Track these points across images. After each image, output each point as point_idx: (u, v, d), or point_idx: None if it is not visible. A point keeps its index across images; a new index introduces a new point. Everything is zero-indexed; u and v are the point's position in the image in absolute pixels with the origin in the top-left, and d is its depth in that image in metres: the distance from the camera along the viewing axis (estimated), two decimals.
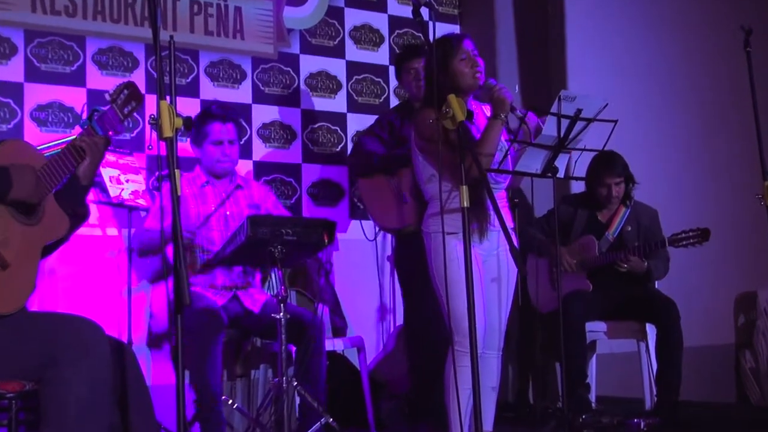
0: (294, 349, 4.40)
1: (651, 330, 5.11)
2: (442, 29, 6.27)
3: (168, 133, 2.52)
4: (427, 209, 3.86)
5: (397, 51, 5.94)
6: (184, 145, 4.90)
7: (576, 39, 6.21)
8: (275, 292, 3.99)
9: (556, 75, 6.20)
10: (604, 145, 3.99)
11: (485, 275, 3.79)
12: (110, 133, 3.10)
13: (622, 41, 6.49)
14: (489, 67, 5.87)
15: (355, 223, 5.68)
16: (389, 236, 5.41)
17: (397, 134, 4.91)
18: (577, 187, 5.69)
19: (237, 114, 4.83)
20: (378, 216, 4.89)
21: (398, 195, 4.76)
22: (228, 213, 4.63)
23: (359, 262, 5.48)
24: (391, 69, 5.94)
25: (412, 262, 4.73)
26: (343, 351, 5.23)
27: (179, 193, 2.49)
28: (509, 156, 3.79)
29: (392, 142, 4.91)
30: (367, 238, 5.10)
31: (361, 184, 5.02)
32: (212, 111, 4.68)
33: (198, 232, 4.51)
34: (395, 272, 5.20)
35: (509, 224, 3.82)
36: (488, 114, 3.79)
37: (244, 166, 5.37)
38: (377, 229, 5.03)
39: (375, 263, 5.47)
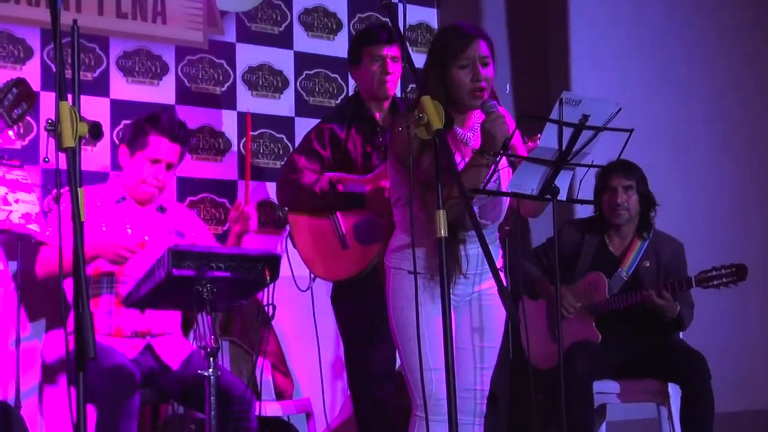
0: None
1: (675, 391, 5.12)
2: (415, 14, 6.33)
3: (69, 142, 2.50)
4: (392, 238, 3.85)
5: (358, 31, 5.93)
6: (91, 156, 4.89)
7: (582, 28, 6.26)
8: (203, 342, 3.96)
9: (557, 73, 6.24)
10: (617, 160, 4.02)
11: (459, 324, 3.77)
12: None
13: (639, 31, 6.55)
14: None
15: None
16: None
17: (344, 150, 4.74)
18: (583, 213, 5.73)
19: (190, 137, 4.83)
20: (315, 265, 4.74)
21: (342, 239, 4.65)
22: (146, 239, 4.62)
23: (310, 304, 5.46)
24: None
25: (352, 307, 4.71)
26: (288, 417, 5.21)
27: (83, 218, 2.48)
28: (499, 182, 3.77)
29: (336, 163, 4.72)
30: (298, 288, 4.93)
31: (292, 221, 4.82)
32: (163, 121, 4.66)
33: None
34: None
35: (496, 263, 3.81)
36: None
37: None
38: (312, 277, 4.86)
39: (330, 307, 5.45)
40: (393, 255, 3.78)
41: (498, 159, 3.60)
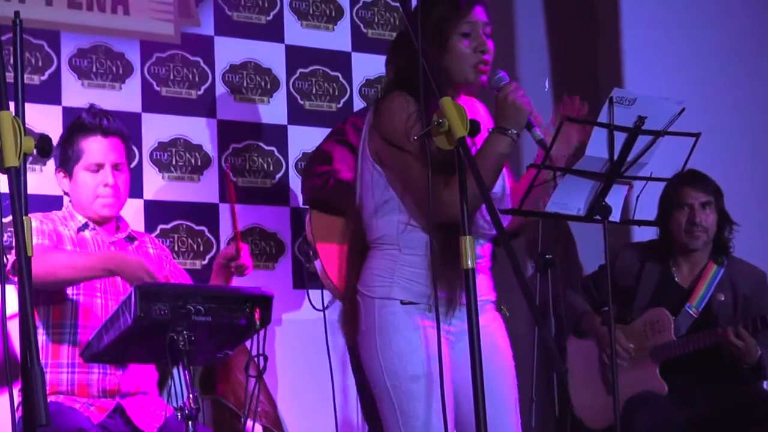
0: None
1: None
2: None
3: (12, 160, 2.50)
4: (369, 258, 3.66)
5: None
6: (41, 177, 4.89)
7: (636, 12, 6.26)
8: (180, 402, 3.95)
9: (606, 65, 6.25)
10: (681, 171, 4.01)
11: (457, 367, 3.58)
12: None
13: (704, 15, 6.54)
14: (505, 52, 5.89)
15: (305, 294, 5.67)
16: None
17: None
18: (641, 236, 5.71)
19: (124, 125, 4.82)
20: (341, 275, 4.77)
21: None
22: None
23: (311, 353, 5.45)
24: (356, 56, 5.99)
25: None
26: None
27: (30, 253, 2.47)
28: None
29: None
30: (313, 306, 4.98)
31: (314, 219, 4.91)
32: (85, 120, 4.66)
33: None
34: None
35: (490, 296, 3.68)
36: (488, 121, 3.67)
37: (131, 207, 5.34)
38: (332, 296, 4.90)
39: (338, 355, 5.43)
40: (377, 280, 3.58)
41: (537, 173, 3.59)
